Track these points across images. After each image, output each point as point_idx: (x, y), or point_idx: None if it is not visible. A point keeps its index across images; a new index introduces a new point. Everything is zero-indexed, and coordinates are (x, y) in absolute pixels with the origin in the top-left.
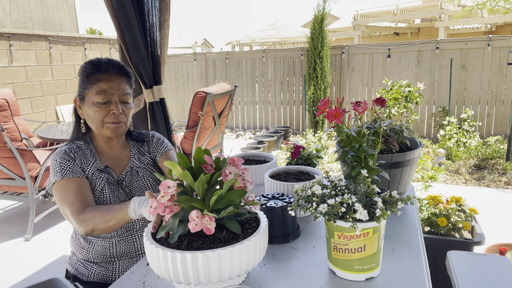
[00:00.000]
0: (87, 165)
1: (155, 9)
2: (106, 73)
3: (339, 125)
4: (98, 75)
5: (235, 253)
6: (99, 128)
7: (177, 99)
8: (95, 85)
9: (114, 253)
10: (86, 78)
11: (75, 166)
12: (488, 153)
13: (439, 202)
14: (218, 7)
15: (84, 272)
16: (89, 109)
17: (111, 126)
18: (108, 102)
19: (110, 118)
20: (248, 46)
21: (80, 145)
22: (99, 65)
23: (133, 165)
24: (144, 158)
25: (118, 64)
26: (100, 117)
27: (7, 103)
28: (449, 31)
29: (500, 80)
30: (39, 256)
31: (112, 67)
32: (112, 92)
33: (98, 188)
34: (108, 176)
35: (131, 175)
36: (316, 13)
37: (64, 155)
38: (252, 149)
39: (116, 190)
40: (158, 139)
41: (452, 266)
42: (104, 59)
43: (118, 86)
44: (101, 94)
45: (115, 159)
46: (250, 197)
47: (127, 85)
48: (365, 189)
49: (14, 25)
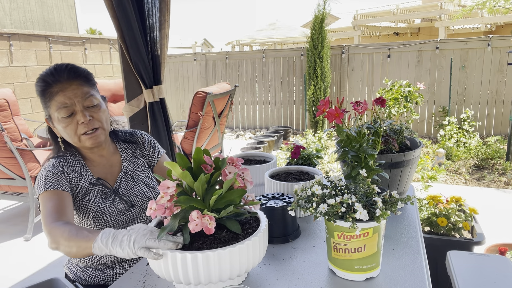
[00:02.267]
0: (79, 179)
1: (155, 9)
2: (57, 84)
3: (339, 125)
4: (50, 90)
5: (235, 253)
6: (77, 142)
7: (177, 99)
8: (53, 101)
9: (115, 258)
10: (42, 96)
11: (62, 179)
12: (488, 153)
13: (439, 202)
14: (218, 7)
15: (84, 277)
16: (58, 126)
17: (87, 137)
18: (72, 113)
19: (82, 128)
20: (248, 46)
21: (67, 158)
22: (46, 78)
23: (127, 170)
24: (138, 160)
25: (66, 68)
26: (72, 132)
27: (7, 103)
28: (449, 31)
29: (500, 80)
30: (39, 256)
31: (60, 74)
32: (71, 102)
33: (93, 202)
34: (102, 188)
35: (126, 181)
36: (316, 13)
37: (52, 168)
38: (252, 149)
39: (113, 200)
40: (150, 142)
41: (452, 266)
42: (51, 68)
43: (74, 93)
44: (61, 109)
45: (106, 167)
46: (250, 196)
47: (85, 87)
48: (365, 189)
49: (14, 25)
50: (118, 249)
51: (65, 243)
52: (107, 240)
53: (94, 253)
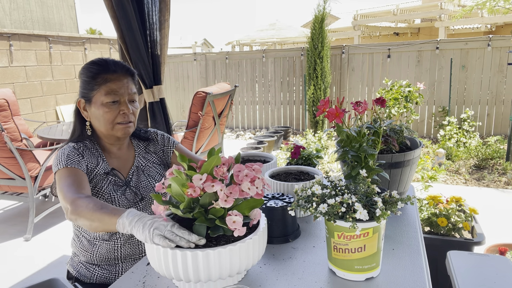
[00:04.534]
0: (95, 165)
1: (155, 9)
2: (114, 73)
3: (339, 125)
4: (106, 76)
5: (235, 251)
6: (109, 129)
7: (177, 99)
8: (104, 86)
9: (118, 255)
10: (92, 79)
11: (81, 161)
12: (488, 153)
13: (439, 202)
14: (218, 7)
15: (86, 275)
16: (97, 110)
17: (121, 127)
18: (117, 102)
19: (121, 118)
20: (248, 46)
21: (86, 144)
22: (106, 65)
23: (139, 164)
24: (150, 156)
25: (125, 65)
26: (111, 118)
27: (7, 103)
28: (449, 31)
29: (500, 80)
30: (39, 256)
31: (120, 67)
32: (121, 92)
33: (105, 190)
34: (115, 178)
35: (137, 175)
36: (316, 13)
37: (73, 149)
38: (252, 149)
39: (124, 191)
40: (163, 135)
41: (452, 266)
42: (109, 59)
43: (126, 85)
44: (111, 94)
45: (121, 160)
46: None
47: (133, 84)
48: (365, 189)
49: (14, 25)
50: (140, 229)
51: (87, 215)
52: (133, 218)
53: (116, 229)
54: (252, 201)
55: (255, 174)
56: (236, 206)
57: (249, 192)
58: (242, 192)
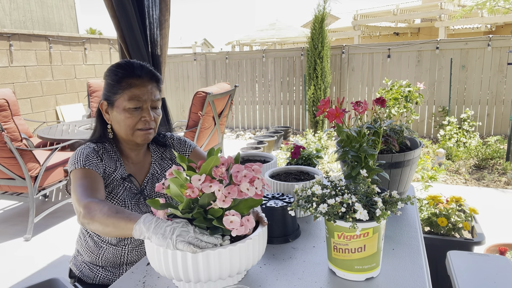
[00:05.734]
0: (113, 170)
1: (156, 9)
2: (139, 79)
3: (339, 125)
4: (131, 80)
5: (235, 251)
6: (129, 135)
7: (177, 99)
8: (128, 91)
9: (124, 260)
10: (117, 82)
11: (99, 164)
12: (488, 153)
13: (439, 202)
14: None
15: (89, 275)
16: (119, 115)
17: (142, 133)
18: (139, 108)
19: (142, 124)
20: (248, 46)
21: (105, 146)
22: (132, 70)
23: (154, 171)
24: (165, 164)
25: (151, 70)
26: (132, 124)
27: (7, 103)
28: (449, 31)
29: (500, 80)
30: (39, 256)
31: (145, 72)
32: (145, 99)
33: (120, 197)
34: (130, 185)
35: (152, 183)
36: (316, 13)
37: (93, 151)
38: (252, 149)
39: (138, 199)
40: (179, 140)
41: (452, 266)
42: (136, 62)
43: (150, 92)
44: (134, 100)
45: (138, 166)
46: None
47: (157, 90)
48: (365, 189)
49: (14, 25)
50: (159, 237)
51: (101, 220)
52: (150, 224)
53: (132, 235)
54: (251, 201)
55: (254, 174)
56: (235, 206)
57: (248, 192)
58: (241, 193)
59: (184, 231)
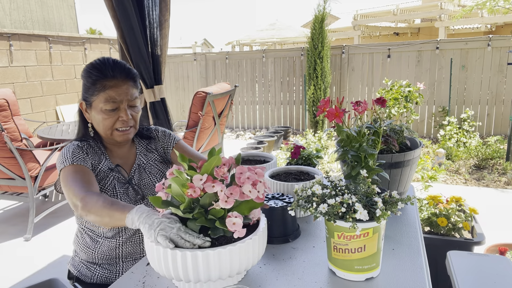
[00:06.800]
0: (98, 162)
1: (156, 9)
2: (113, 79)
3: (339, 125)
4: (105, 82)
5: (235, 251)
6: (108, 134)
7: (177, 99)
8: (103, 93)
9: (120, 254)
10: (92, 84)
11: (86, 158)
12: (488, 153)
13: (439, 202)
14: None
15: (87, 274)
16: (97, 115)
17: (120, 133)
18: (116, 109)
19: (120, 124)
20: (248, 46)
21: (89, 142)
22: (105, 71)
23: (140, 162)
24: (151, 155)
25: (125, 68)
26: (109, 124)
27: (7, 103)
28: (449, 31)
29: (500, 80)
30: (39, 256)
31: (119, 72)
32: (120, 99)
33: (109, 187)
34: (118, 175)
35: (139, 173)
36: (316, 13)
37: (78, 147)
38: (252, 149)
39: (126, 189)
40: (164, 132)
41: (452, 266)
42: (109, 62)
43: (126, 92)
44: (109, 102)
45: (123, 158)
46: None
47: (134, 88)
48: (365, 189)
49: (14, 25)
50: (146, 227)
51: (97, 212)
52: (141, 214)
53: (125, 224)
54: (252, 202)
55: (257, 177)
56: (236, 207)
57: (250, 195)
58: (243, 195)
59: (169, 226)
